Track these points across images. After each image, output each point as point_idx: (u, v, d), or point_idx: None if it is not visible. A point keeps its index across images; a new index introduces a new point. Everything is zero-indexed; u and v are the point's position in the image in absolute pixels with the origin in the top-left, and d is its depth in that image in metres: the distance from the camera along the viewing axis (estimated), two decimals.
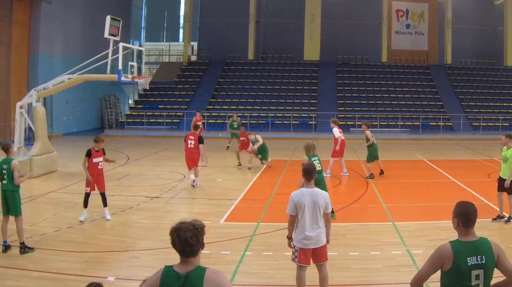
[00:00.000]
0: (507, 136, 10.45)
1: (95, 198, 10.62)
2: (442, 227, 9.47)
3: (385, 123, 30.01)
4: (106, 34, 15.71)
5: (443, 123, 30.19)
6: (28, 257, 8.13)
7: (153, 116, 30.98)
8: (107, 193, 10.96)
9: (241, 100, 32.28)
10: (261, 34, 38.07)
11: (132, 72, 16.62)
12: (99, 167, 10.55)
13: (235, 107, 30.59)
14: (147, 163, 19.19)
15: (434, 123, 30.20)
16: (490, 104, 31.94)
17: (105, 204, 10.59)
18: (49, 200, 12.49)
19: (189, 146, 14.09)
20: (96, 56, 16.13)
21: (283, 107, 31.44)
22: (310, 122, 30.32)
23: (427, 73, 35.05)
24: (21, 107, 16.08)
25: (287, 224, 6.45)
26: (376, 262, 8.07)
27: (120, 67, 15.65)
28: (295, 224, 6.32)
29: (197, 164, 14.29)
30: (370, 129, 15.93)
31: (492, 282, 3.93)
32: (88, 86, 26.84)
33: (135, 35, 41.76)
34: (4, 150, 8.75)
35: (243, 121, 26.15)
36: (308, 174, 6.35)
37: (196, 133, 14.49)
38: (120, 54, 15.63)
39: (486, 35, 37.60)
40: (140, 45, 34.82)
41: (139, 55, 17.34)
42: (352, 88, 33.27)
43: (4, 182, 8.50)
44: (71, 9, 29.08)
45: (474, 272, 3.79)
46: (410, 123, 30.27)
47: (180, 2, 44.00)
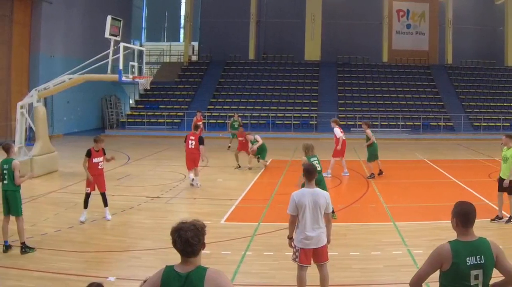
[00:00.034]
0: (507, 137, 10.44)
1: (95, 198, 10.62)
2: (442, 227, 9.46)
3: (386, 123, 29.98)
4: (106, 34, 15.71)
5: (443, 123, 30.18)
6: (29, 257, 8.13)
7: (153, 116, 30.98)
8: (108, 193, 10.96)
9: (242, 100, 32.28)
10: (262, 34, 38.07)
11: (133, 72, 16.63)
12: (99, 167, 10.56)
13: (236, 107, 30.59)
14: (148, 163, 19.20)
15: (435, 123, 30.18)
16: (491, 104, 31.91)
17: (105, 204, 10.60)
18: (50, 200, 12.50)
19: (190, 147, 14.13)
20: (97, 56, 16.14)
21: (283, 107, 31.43)
22: (311, 122, 30.32)
23: (427, 73, 35.02)
24: (22, 107, 16.08)
25: (287, 224, 6.45)
26: (377, 262, 8.07)
27: (121, 67, 15.65)
28: (296, 224, 6.32)
29: (197, 164, 14.32)
30: (370, 129, 15.93)
31: (491, 282, 3.92)
32: (89, 86, 26.88)
33: (136, 35, 41.77)
34: (5, 150, 8.74)
35: (244, 122, 26.14)
36: (309, 174, 6.36)
37: (197, 133, 14.53)
38: (121, 54, 15.63)
39: (486, 35, 37.57)
40: (141, 45, 34.82)
41: (140, 55, 17.33)
42: (353, 88, 33.25)
43: (5, 182, 8.51)
44: (72, 9, 29.09)
45: (473, 272, 3.79)
46: (411, 123, 30.25)
47: (180, 2, 43.97)
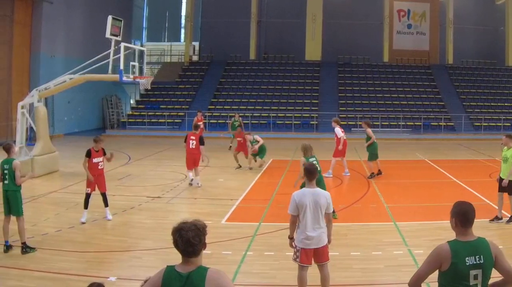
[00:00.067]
0: (507, 137, 10.42)
1: (96, 198, 10.62)
2: (443, 227, 9.42)
3: (387, 123, 29.95)
4: (107, 34, 15.72)
5: (444, 123, 30.16)
6: (30, 257, 8.14)
7: (154, 116, 30.98)
8: (109, 193, 10.97)
9: (243, 100, 32.26)
10: (263, 34, 38.06)
11: (133, 72, 16.64)
12: (99, 167, 10.55)
13: (237, 107, 30.57)
14: (149, 163, 19.20)
15: (436, 123, 30.16)
16: (492, 104, 31.88)
17: (106, 204, 10.60)
18: (51, 200, 12.51)
19: (190, 147, 14.16)
20: (98, 56, 16.14)
21: (284, 107, 31.42)
22: (311, 122, 30.30)
23: (428, 73, 34.99)
24: (23, 107, 16.10)
25: (288, 224, 6.45)
26: (378, 262, 8.07)
27: (121, 67, 15.65)
28: (297, 224, 6.32)
29: (197, 164, 14.34)
30: (370, 128, 15.85)
31: (490, 282, 3.92)
32: (90, 86, 26.88)
33: (137, 35, 41.77)
34: (6, 150, 8.75)
35: (245, 122, 26.15)
36: (309, 173, 6.35)
37: (197, 133, 14.56)
38: (122, 54, 15.64)
39: (487, 35, 37.53)
40: (142, 45, 34.92)
41: (141, 55, 17.36)
42: (354, 88, 33.23)
43: (6, 182, 8.51)
44: (72, 9, 29.10)
45: (473, 272, 3.78)
46: (412, 123, 30.23)
47: (181, 2, 43.96)
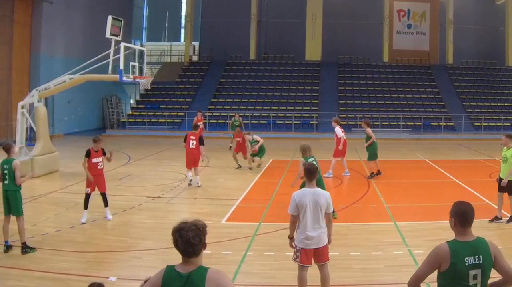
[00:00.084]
0: (507, 137, 10.40)
1: (96, 198, 10.62)
2: (443, 227, 9.39)
3: (387, 123, 29.95)
4: (107, 34, 15.71)
5: (444, 123, 30.15)
6: (30, 257, 8.14)
7: (154, 116, 30.98)
8: (109, 193, 10.97)
9: (243, 100, 32.26)
10: (263, 34, 38.05)
11: (133, 72, 16.64)
12: (98, 167, 10.54)
13: (237, 107, 30.57)
14: (149, 163, 19.21)
15: (436, 123, 30.16)
16: (492, 104, 31.88)
17: (106, 204, 10.59)
18: (51, 200, 12.51)
19: (190, 146, 14.18)
20: (98, 56, 16.14)
21: (284, 107, 31.42)
22: (311, 122, 30.29)
23: (428, 73, 34.99)
24: (23, 107, 16.09)
25: (288, 224, 6.45)
26: (378, 262, 8.06)
27: (121, 67, 15.65)
28: (297, 224, 6.32)
29: (197, 164, 14.35)
30: (370, 128, 15.81)
31: (489, 282, 3.92)
32: (90, 86, 26.87)
33: (137, 35, 41.76)
34: (5, 150, 8.74)
35: (245, 122, 26.14)
36: (310, 173, 6.35)
37: (197, 133, 14.58)
38: (122, 54, 15.64)
39: (487, 35, 37.51)
40: (142, 45, 34.91)
41: (141, 55, 17.35)
42: (354, 88, 33.22)
43: (6, 182, 8.51)
44: (72, 9, 29.10)
45: (472, 272, 3.78)
46: (412, 123, 30.22)
47: (181, 2, 43.96)
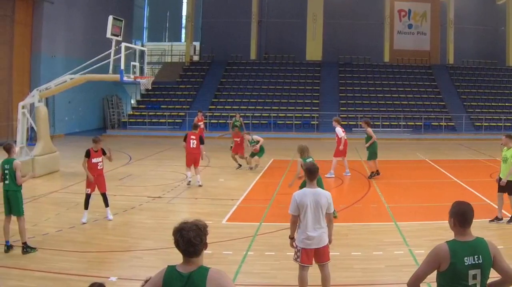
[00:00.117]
0: (507, 137, 10.38)
1: (96, 198, 10.62)
2: (444, 227, 9.30)
3: (387, 123, 29.94)
4: (108, 34, 15.71)
5: (445, 123, 30.14)
6: (30, 257, 8.14)
7: (155, 116, 30.98)
8: (109, 193, 10.97)
9: (244, 100, 32.26)
10: (263, 34, 38.04)
11: (134, 72, 16.63)
12: (98, 167, 10.53)
13: (237, 107, 30.57)
14: (149, 163, 19.21)
15: (436, 123, 30.14)
16: (492, 104, 31.86)
17: (106, 204, 10.59)
18: (51, 200, 12.51)
19: (191, 146, 14.20)
20: (98, 56, 16.14)
21: (285, 107, 31.41)
22: (312, 122, 30.29)
23: (429, 73, 34.98)
24: (23, 107, 16.10)
25: (289, 224, 6.45)
26: (378, 262, 8.06)
27: (122, 67, 15.66)
28: (297, 224, 6.31)
29: (198, 164, 14.36)
30: (370, 128, 15.77)
31: (488, 282, 3.91)
32: (90, 86, 26.89)
33: (137, 35, 41.79)
34: (6, 150, 8.74)
35: (246, 122, 26.12)
36: (310, 173, 6.35)
37: (197, 132, 14.59)
38: (122, 54, 15.64)
39: (488, 35, 37.50)
40: (142, 45, 34.88)
41: (141, 55, 17.34)
42: (354, 88, 33.21)
43: (6, 182, 8.51)
44: (73, 9, 29.11)
45: (471, 272, 3.78)
46: (412, 123, 30.21)
47: (182, 2, 44.00)
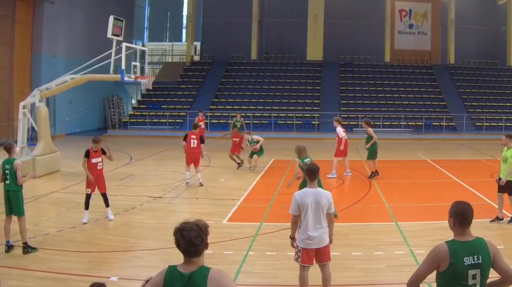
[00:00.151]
0: (507, 137, 10.36)
1: (97, 198, 10.62)
2: (445, 227, 9.24)
3: (388, 123, 29.93)
4: (109, 34, 15.72)
5: (446, 123, 30.13)
6: (31, 257, 8.14)
7: (156, 116, 31.00)
8: (110, 193, 10.97)
9: (244, 100, 32.26)
10: (264, 34, 38.04)
11: (135, 72, 16.64)
12: (98, 168, 10.52)
13: (238, 107, 30.58)
14: (150, 163, 19.21)
15: (437, 123, 30.14)
16: (493, 104, 31.84)
17: (107, 204, 10.58)
18: (52, 200, 12.51)
19: (192, 145, 14.22)
20: (99, 56, 16.14)
21: (286, 107, 31.41)
22: (313, 122, 30.29)
23: (430, 73, 34.96)
24: (24, 107, 16.11)
25: (290, 224, 6.45)
26: (379, 262, 8.06)
27: (123, 67, 15.66)
28: (298, 224, 6.31)
29: (198, 164, 14.38)
30: (371, 128, 15.75)
31: (487, 281, 3.91)
32: (91, 86, 26.84)
33: (138, 35, 41.79)
34: (7, 150, 8.74)
35: (246, 122, 26.10)
36: (311, 173, 6.34)
37: (197, 132, 14.61)
38: (123, 54, 15.65)
39: (489, 35, 37.47)
40: (143, 45, 34.86)
41: (142, 55, 17.34)
42: (355, 88, 33.22)
43: (7, 182, 8.51)
44: (74, 9, 29.12)
45: (471, 272, 3.77)
46: (413, 123, 30.21)
47: (183, 2, 44.01)
